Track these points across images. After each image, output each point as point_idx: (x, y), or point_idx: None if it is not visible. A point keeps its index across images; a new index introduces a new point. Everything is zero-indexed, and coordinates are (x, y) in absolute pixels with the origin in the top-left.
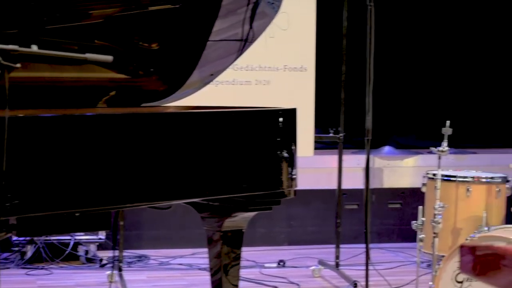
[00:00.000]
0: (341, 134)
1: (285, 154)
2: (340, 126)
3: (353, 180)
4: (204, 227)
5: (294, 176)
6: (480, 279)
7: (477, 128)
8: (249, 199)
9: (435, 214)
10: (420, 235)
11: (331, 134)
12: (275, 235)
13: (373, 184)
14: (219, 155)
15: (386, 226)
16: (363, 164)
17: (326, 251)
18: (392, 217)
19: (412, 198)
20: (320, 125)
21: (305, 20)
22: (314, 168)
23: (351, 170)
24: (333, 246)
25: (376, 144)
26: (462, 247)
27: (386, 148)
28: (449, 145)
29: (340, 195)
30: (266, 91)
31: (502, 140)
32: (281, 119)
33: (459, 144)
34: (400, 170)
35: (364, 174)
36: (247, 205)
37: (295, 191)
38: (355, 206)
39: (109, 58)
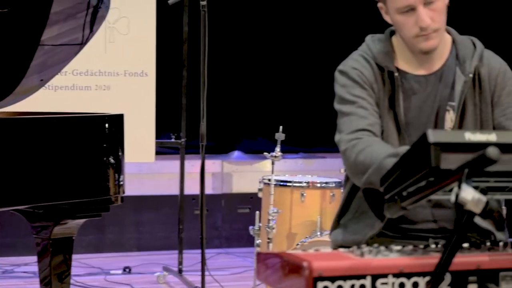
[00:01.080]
0: (182, 140)
1: (112, 160)
2: (181, 131)
3: None
4: (34, 236)
5: (121, 183)
6: (274, 287)
7: (329, 132)
8: (75, 206)
9: (269, 220)
10: (257, 241)
11: (172, 140)
12: (124, 241)
13: (223, 189)
14: (42, 162)
15: (236, 231)
16: (213, 169)
17: (174, 257)
18: (242, 221)
19: (261, 202)
20: (171, 130)
21: (145, 24)
22: (165, 174)
23: (199, 175)
24: (189, 251)
25: (226, 149)
26: (258, 254)
27: (236, 153)
28: (299, 150)
29: (182, 201)
30: (107, 96)
31: None
32: (107, 125)
33: (313, 148)
34: (249, 175)
35: (213, 179)
36: (74, 212)
37: (122, 197)
38: (204, 212)
39: None
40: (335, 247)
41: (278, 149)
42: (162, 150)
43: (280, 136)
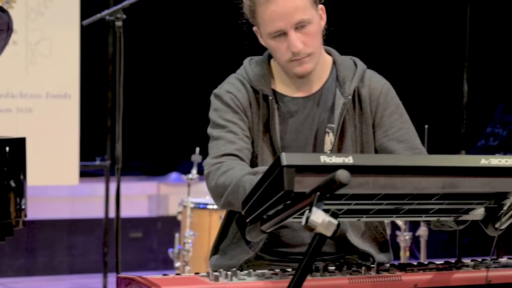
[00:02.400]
0: (107, 162)
1: (13, 184)
2: (106, 153)
3: (138, 208)
4: None
5: (23, 206)
6: None
7: None
8: None
9: (185, 243)
10: (176, 264)
11: (97, 162)
12: (56, 264)
13: (159, 212)
14: None
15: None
16: (149, 191)
17: (107, 281)
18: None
19: (180, 225)
20: (100, 153)
21: (68, 46)
22: (97, 196)
23: (135, 198)
24: (114, 274)
25: (164, 170)
26: (117, 278)
27: (173, 175)
28: None
29: (107, 224)
30: (29, 119)
31: None
32: (7, 149)
33: None
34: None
35: (149, 201)
36: None
37: (24, 221)
38: (140, 234)
39: None
40: None
41: (194, 171)
42: (94, 172)
43: (196, 158)
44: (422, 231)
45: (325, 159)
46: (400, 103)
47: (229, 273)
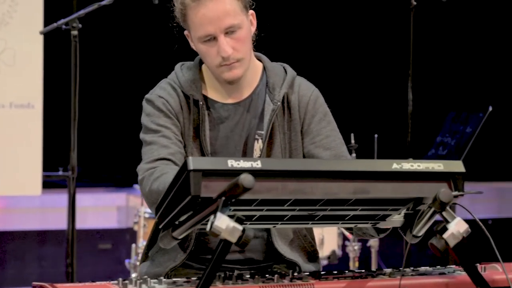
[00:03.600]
0: (69, 172)
1: None
2: (70, 163)
3: (107, 219)
4: None
5: None
6: None
7: None
8: None
9: (138, 253)
10: (133, 275)
11: (60, 172)
12: (27, 276)
13: (128, 223)
14: None
15: None
16: (118, 203)
17: None
18: None
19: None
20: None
21: (32, 56)
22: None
23: (105, 209)
24: None
25: (133, 182)
26: (32, 285)
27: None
28: None
29: (70, 235)
30: None
31: None
32: None
33: None
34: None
35: (118, 213)
36: None
37: None
38: (109, 246)
39: None
40: None
41: None
42: (61, 183)
43: None
44: (373, 242)
45: (233, 164)
46: (329, 110)
47: (139, 280)
